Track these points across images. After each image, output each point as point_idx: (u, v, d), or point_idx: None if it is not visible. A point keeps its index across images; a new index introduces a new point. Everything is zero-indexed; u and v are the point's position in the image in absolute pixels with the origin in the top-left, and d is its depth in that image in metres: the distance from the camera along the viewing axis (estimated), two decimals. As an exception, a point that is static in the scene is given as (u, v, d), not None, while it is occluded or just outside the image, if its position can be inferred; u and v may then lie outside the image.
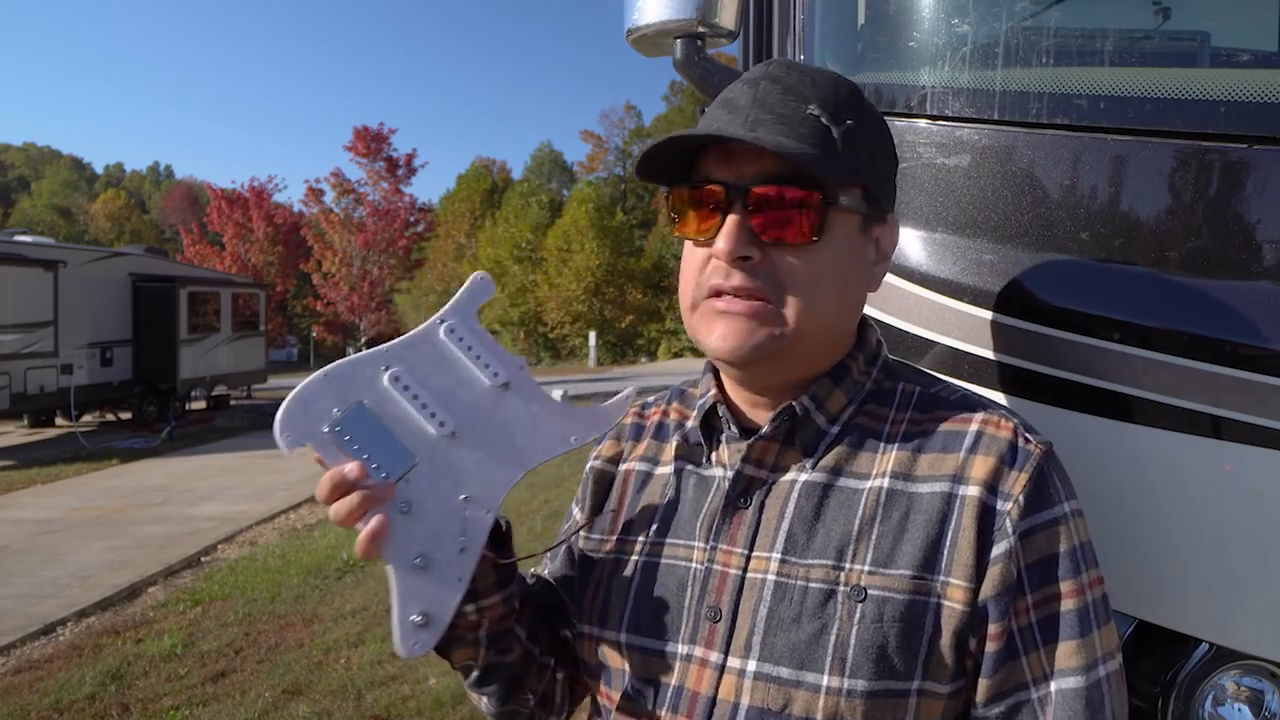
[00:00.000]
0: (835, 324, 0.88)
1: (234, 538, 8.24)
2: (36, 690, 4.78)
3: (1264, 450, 1.01)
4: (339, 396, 0.85)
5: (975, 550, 0.79)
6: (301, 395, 0.85)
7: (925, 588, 0.79)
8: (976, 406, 0.87)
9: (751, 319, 0.83)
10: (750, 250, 0.82)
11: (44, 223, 65.69)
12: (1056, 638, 0.78)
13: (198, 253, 29.03)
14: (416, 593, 0.84)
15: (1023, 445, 0.82)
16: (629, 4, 1.39)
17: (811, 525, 0.84)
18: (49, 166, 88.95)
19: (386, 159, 24.16)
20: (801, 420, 0.87)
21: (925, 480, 0.83)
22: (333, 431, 0.84)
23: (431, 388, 0.87)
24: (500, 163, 66.22)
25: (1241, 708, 1.07)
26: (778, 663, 0.80)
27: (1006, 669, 0.79)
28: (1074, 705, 0.77)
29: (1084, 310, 1.10)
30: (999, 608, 0.78)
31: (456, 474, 0.86)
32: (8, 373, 13.58)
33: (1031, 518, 0.79)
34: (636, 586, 0.92)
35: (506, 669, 0.98)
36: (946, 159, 1.23)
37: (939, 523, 0.80)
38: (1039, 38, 1.23)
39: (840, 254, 0.86)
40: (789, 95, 0.84)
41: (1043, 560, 0.79)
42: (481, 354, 0.89)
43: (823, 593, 0.81)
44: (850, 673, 0.78)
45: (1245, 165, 1.08)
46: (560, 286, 41.61)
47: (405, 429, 0.86)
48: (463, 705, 4.38)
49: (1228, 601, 1.04)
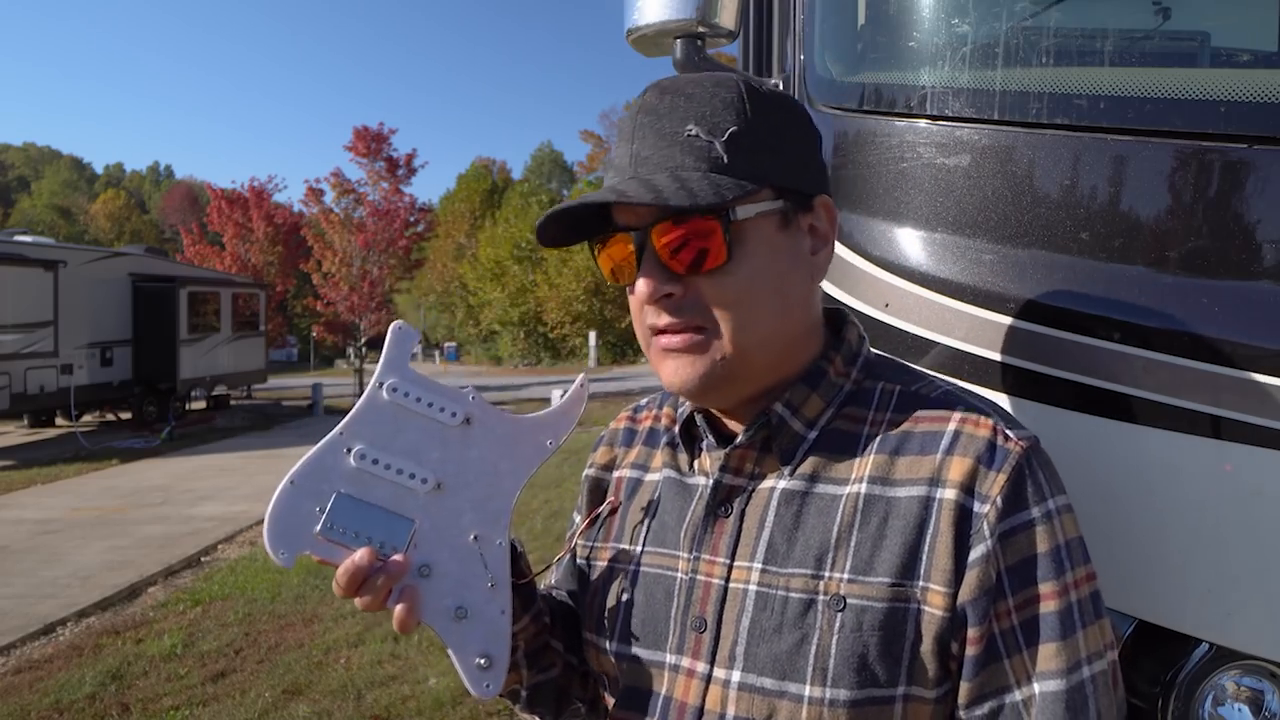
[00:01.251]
0: (780, 332, 0.86)
1: (234, 538, 8.24)
2: (36, 690, 4.78)
3: (1264, 450, 1.01)
4: (315, 496, 0.85)
5: (953, 554, 0.77)
6: (279, 508, 0.84)
7: (905, 594, 0.78)
8: (956, 404, 0.84)
9: (691, 352, 0.83)
10: (671, 287, 0.82)
11: (44, 223, 65.69)
12: (1038, 640, 0.77)
13: (198, 253, 29.04)
14: (468, 639, 0.85)
15: (1001, 444, 0.80)
16: (629, 4, 1.39)
17: (791, 533, 0.83)
18: (49, 166, 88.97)
19: (386, 159, 24.13)
20: (778, 427, 0.86)
21: (903, 484, 0.81)
22: (324, 531, 0.84)
23: (398, 451, 0.86)
24: (500, 163, 66.36)
25: (1241, 708, 1.07)
26: (761, 673, 0.80)
27: (988, 672, 0.78)
28: (1054, 708, 0.75)
29: (1084, 310, 1.10)
30: (978, 611, 0.77)
31: (457, 520, 0.87)
32: (8, 373, 13.59)
33: (1010, 519, 0.77)
34: (627, 595, 0.92)
35: (553, 685, 1.00)
36: (946, 159, 1.23)
37: (917, 528, 0.78)
38: (1039, 38, 1.23)
39: (764, 262, 0.83)
40: (664, 123, 0.82)
41: (1023, 562, 0.77)
42: (433, 400, 0.88)
43: (803, 602, 0.80)
44: (832, 682, 0.77)
45: (1245, 165, 1.08)
46: (560, 286, 41.56)
47: (392, 500, 0.85)
48: (462, 705, 4.38)
49: (1228, 601, 1.04)
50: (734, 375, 0.84)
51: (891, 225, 1.26)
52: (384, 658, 5.10)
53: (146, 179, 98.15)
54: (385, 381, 0.87)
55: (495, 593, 0.86)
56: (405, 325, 0.90)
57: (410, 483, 0.86)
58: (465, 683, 0.86)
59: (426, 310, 52.60)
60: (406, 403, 0.87)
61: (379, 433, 0.86)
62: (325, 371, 36.79)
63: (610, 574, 0.95)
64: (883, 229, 1.27)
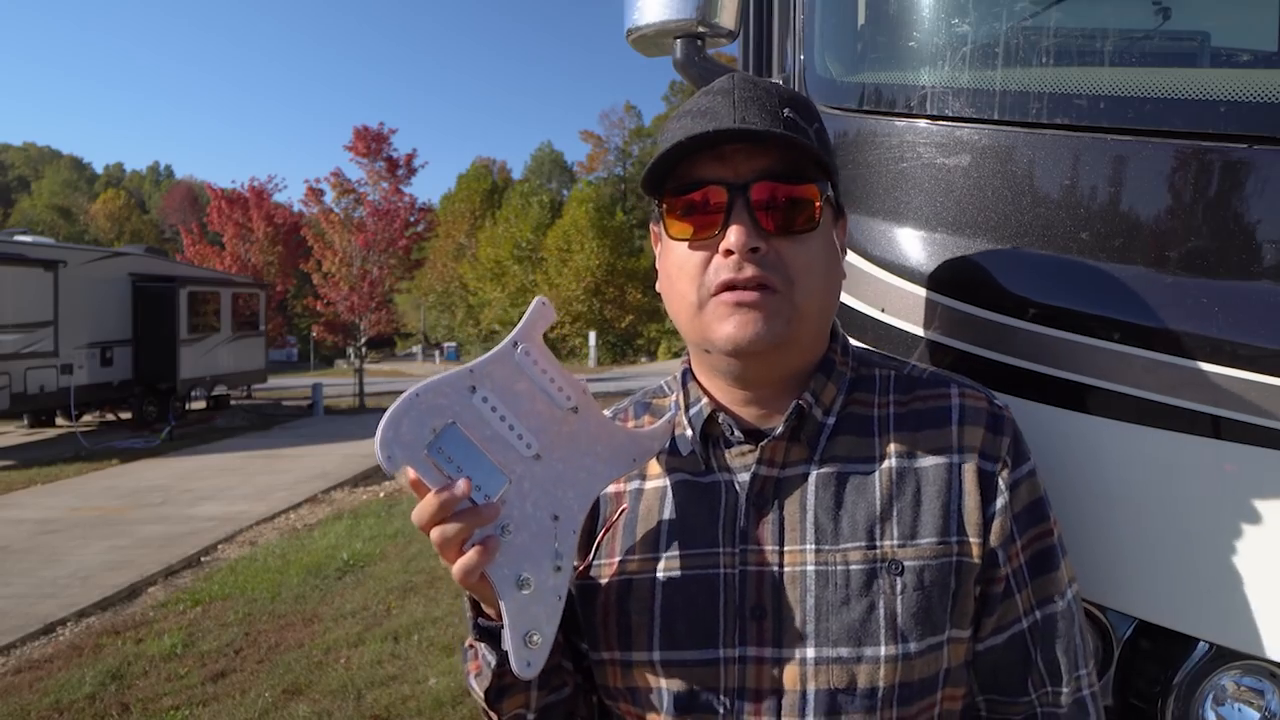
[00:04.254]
0: (829, 309, 0.95)
1: (234, 538, 8.24)
2: (36, 690, 4.78)
3: (1264, 450, 1.01)
4: (433, 416, 0.84)
5: (981, 509, 0.89)
6: (398, 414, 0.83)
7: (948, 550, 0.87)
8: (948, 382, 0.96)
9: (766, 307, 0.87)
10: (759, 242, 0.86)
11: (44, 223, 65.70)
12: (1041, 571, 0.91)
13: (198, 253, 28.99)
14: (525, 611, 0.84)
15: (998, 412, 0.93)
16: (629, 4, 1.39)
17: (835, 513, 0.89)
18: (49, 166, 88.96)
19: (386, 159, 24.08)
20: (807, 416, 0.92)
21: (926, 455, 0.91)
22: (431, 450, 0.83)
23: (514, 410, 0.87)
24: (500, 163, 66.31)
25: (1241, 708, 1.07)
26: (836, 644, 0.85)
27: (1004, 606, 0.90)
28: (1055, 625, 0.91)
29: (1085, 310, 1.10)
30: (1002, 555, 0.89)
31: (543, 495, 0.87)
32: (8, 373, 13.58)
33: (1015, 472, 0.91)
34: (661, 603, 0.91)
35: (562, 707, 0.98)
36: (946, 159, 1.23)
37: (947, 490, 0.89)
38: (1039, 38, 1.23)
39: (828, 243, 0.92)
40: (765, 99, 0.89)
41: (1025, 508, 0.91)
42: (554, 377, 0.90)
43: (865, 572, 0.87)
44: (903, 639, 0.85)
45: (1245, 165, 1.08)
46: (560, 286, 41.60)
47: (496, 450, 0.85)
48: (463, 705, 4.38)
49: (1228, 601, 1.04)
50: (794, 338, 0.90)
51: (891, 225, 1.26)
52: (384, 658, 5.10)
53: (146, 179, 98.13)
54: (521, 344, 0.89)
55: (558, 576, 0.86)
56: (548, 303, 0.92)
57: (516, 442, 0.87)
58: (510, 655, 0.83)
59: (426, 310, 52.61)
60: (532, 370, 0.89)
61: (502, 386, 0.88)
62: (325, 371, 36.79)
63: (628, 588, 0.94)
64: (882, 229, 1.27)
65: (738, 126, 0.86)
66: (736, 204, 0.87)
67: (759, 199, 0.87)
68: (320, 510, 9.44)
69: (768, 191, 0.87)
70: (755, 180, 0.87)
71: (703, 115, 0.89)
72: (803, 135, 0.88)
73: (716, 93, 0.91)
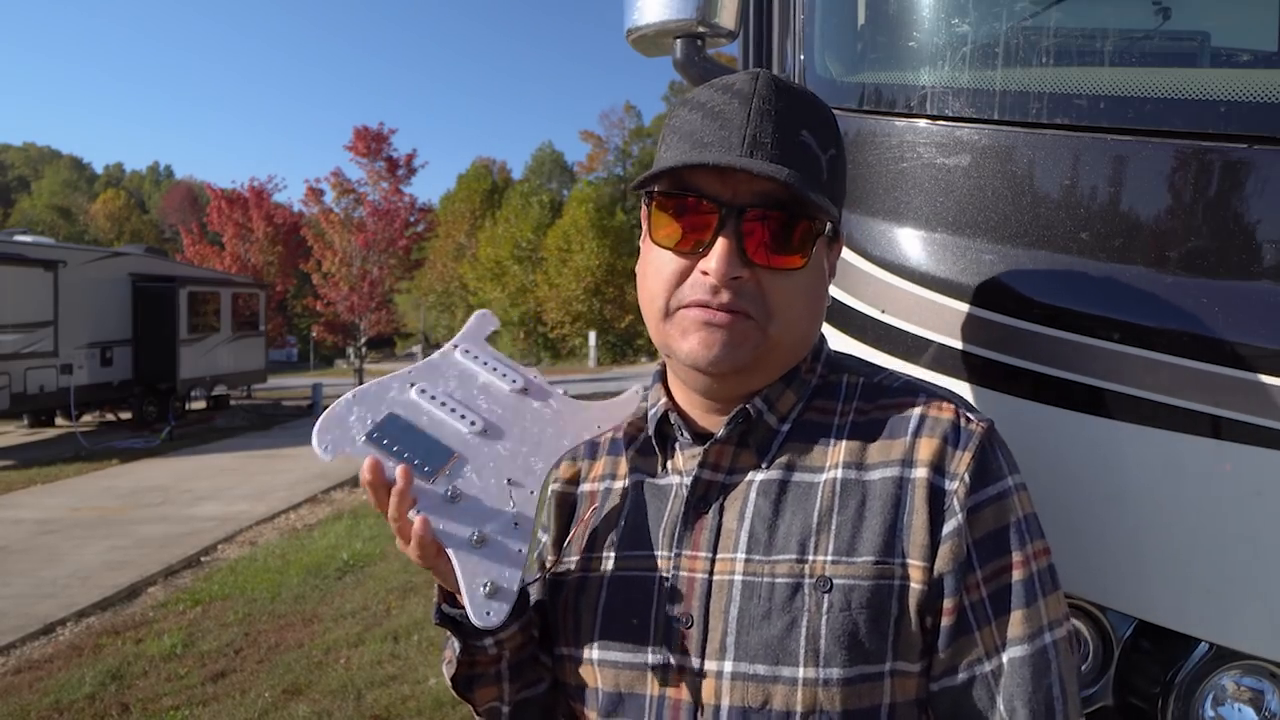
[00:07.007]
0: (807, 338, 0.92)
1: (234, 538, 8.24)
2: (36, 690, 4.78)
3: (1264, 450, 1.01)
4: (371, 410, 0.91)
5: (929, 529, 0.81)
6: (335, 412, 0.91)
7: (888, 571, 0.81)
8: (919, 391, 0.89)
9: (734, 332, 0.84)
10: (741, 271, 0.83)
11: (44, 223, 65.67)
12: (1007, 609, 0.81)
13: (198, 253, 29.00)
14: (479, 568, 0.85)
15: (964, 425, 0.85)
16: (629, 4, 1.39)
17: (772, 522, 0.85)
18: (49, 166, 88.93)
19: (386, 159, 24.11)
20: (755, 422, 0.89)
21: (876, 467, 0.85)
22: (369, 438, 0.89)
23: (457, 396, 0.93)
24: (500, 163, 66.19)
25: (1242, 708, 1.07)
26: (753, 660, 0.81)
27: (960, 642, 0.81)
28: (1022, 672, 0.80)
29: (1085, 310, 1.10)
30: (952, 583, 0.80)
31: (495, 463, 0.90)
32: (8, 373, 13.58)
33: (977, 494, 0.82)
34: (604, 603, 0.91)
35: (538, 703, 0.98)
36: (946, 159, 1.23)
37: (893, 507, 0.82)
38: (1039, 38, 1.23)
39: (817, 275, 0.89)
40: (783, 119, 0.84)
41: (990, 535, 0.82)
42: (497, 367, 0.96)
43: (789, 586, 0.82)
44: (824, 662, 0.79)
45: (1245, 165, 1.08)
46: (560, 286, 41.59)
47: (439, 430, 0.91)
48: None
49: (1228, 601, 1.04)
50: (760, 364, 0.87)
51: (891, 225, 1.26)
52: (384, 658, 5.10)
53: (146, 179, 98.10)
54: (460, 345, 0.97)
55: (516, 531, 0.87)
56: (488, 313, 1.01)
57: (459, 422, 0.91)
58: (468, 610, 0.84)
59: (426, 310, 52.59)
60: (474, 364, 0.96)
61: (444, 379, 0.95)
62: (325, 372, 36.76)
63: (583, 585, 0.94)
64: (882, 229, 1.27)
65: (740, 163, 0.80)
66: (726, 226, 0.82)
67: (750, 226, 0.82)
68: (320, 510, 9.44)
69: (761, 220, 0.83)
70: (751, 205, 0.82)
71: (715, 118, 0.84)
72: (813, 166, 0.83)
73: (735, 94, 0.85)
